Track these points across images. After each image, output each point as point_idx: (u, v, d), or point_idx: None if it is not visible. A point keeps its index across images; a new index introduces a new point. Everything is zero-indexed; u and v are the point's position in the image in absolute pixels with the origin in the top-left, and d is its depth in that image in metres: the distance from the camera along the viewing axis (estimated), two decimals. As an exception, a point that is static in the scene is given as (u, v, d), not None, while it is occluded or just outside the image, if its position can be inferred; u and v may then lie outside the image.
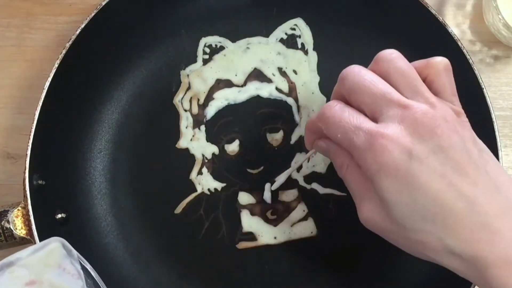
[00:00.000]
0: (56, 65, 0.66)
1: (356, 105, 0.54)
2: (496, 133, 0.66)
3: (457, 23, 0.77)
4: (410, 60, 0.69)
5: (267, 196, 0.69)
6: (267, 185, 0.69)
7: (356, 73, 0.55)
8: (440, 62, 0.55)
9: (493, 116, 0.66)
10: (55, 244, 0.58)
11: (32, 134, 0.64)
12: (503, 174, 0.53)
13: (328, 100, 0.70)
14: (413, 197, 0.50)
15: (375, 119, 0.53)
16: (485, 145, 0.55)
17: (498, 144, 0.66)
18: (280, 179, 0.68)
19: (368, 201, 0.54)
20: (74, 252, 0.59)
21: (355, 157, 0.53)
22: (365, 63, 0.70)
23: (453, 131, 0.51)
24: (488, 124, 0.67)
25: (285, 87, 0.72)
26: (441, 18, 0.68)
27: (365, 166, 0.52)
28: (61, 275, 0.58)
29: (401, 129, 0.50)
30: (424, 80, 0.55)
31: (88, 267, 0.59)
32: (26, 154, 0.64)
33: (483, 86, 0.67)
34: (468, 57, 0.67)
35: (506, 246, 0.48)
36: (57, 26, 0.77)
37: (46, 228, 0.64)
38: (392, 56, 0.55)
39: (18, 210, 0.63)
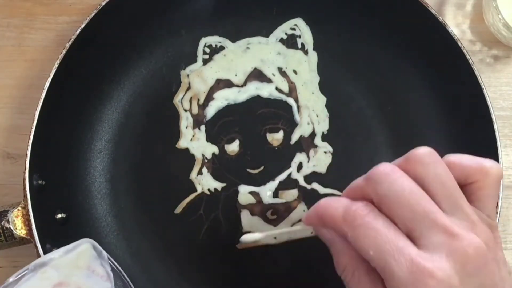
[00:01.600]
0: (56, 65, 0.66)
1: (387, 215, 0.47)
2: (496, 133, 0.66)
3: (457, 23, 0.78)
4: (411, 60, 0.72)
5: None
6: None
7: (393, 179, 0.47)
8: (495, 170, 0.49)
9: (493, 116, 0.66)
10: (86, 245, 0.59)
11: (32, 134, 0.64)
12: None
13: (328, 100, 0.71)
14: None
15: (411, 238, 0.45)
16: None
17: (498, 144, 0.66)
18: (254, 236, 0.62)
19: None
20: (104, 253, 0.59)
21: (388, 282, 0.45)
22: (365, 63, 0.73)
23: (494, 260, 0.46)
24: (488, 124, 0.66)
25: (285, 87, 0.72)
26: (441, 18, 0.68)
27: None
28: (90, 276, 0.59)
29: (449, 266, 0.44)
30: (468, 185, 0.49)
31: (118, 268, 0.60)
32: (26, 154, 0.64)
33: (483, 86, 0.67)
34: (468, 57, 0.67)
35: None
36: (57, 26, 0.77)
37: (46, 228, 0.64)
38: (431, 159, 0.48)
39: (18, 210, 0.63)
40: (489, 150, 0.66)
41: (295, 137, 0.70)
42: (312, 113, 0.70)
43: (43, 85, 0.66)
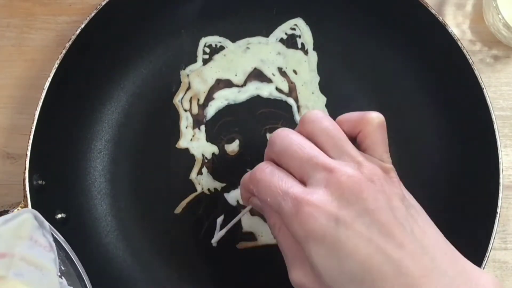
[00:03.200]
0: (56, 65, 0.66)
1: (286, 168, 0.54)
2: (496, 133, 0.66)
3: (457, 23, 0.77)
4: (411, 60, 0.72)
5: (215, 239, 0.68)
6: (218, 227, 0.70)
7: (284, 136, 0.54)
8: (375, 119, 0.55)
9: (493, 116, 0.66)
10: (27, 215, 0.58)
11: (32, 134, 0.64)
12: (431, 231, 0.52)
13: (328, 100, 0.71)
14: (341, 262, 0.50)
15: (303, 183, 0.53)
16: (414, 199, 0.55)
17: (498, 144, 0.66)
18: (220, 233, 0.67)
19: (299, 265, 0.54)
20: (46, 223, 0.58)
21: (284, 222, 0.52)
22: (365, 63, 0.74)
23: (379, 191, 0.51)
24: (488, 124, 0.67)
25: (285, 87, 0.72)
26: (441, 18, 0.68)
27: (293, 232, 0.52)
28: (33, 247, 0.58)
29: (327, 194, 0.50)
30: (356, 135, 0.55)
31: (60, 239, 0.59)
32: (26, 154, 0.64)
33: (483, 86, 0.67)
34: (468, 57, 0.67)
35: None
36: (57, 26, 0.76)
37: None
38: (317, 116, 0.55)
39: (18, 210, 0.63)
40: (489, 150, 0.67)
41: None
42: (311, 113, 0.70)
43: (43, 85, 0.66)
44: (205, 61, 0.73)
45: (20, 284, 0.59)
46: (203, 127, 0.71)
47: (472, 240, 0.63)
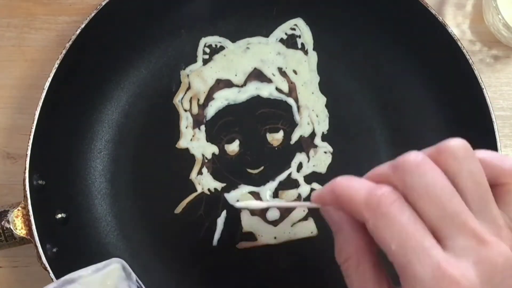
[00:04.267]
0: (56, 65, 0.66)
1: (413, 208, 0.43)
2: (496, 133, 0.66)
3: (457, 23, 0.78)
4: (410, 60, 0.72)
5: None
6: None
7: (423, 171, 0.43)
8: None
9: (493, 116, 0.66)
10: (116, 265, 0.59)
11: (32, 134, 0.64)
12: None
13: (328, 100, 0.71)
14: None
15: (437, 238, 0.42)
16: None
17: (498, 144, 0.66)
18: (251, 204, 0.59)
19: None
20: (133, 275, 0.59)
21: (406, 281, 0.42)
22: (365, 63, 0.74)
23: None
24: (488, 124, 0.66)
25: (285, 87, 0.72)
26: (441, 18, 0.68)
27: None
28: None
29: (476, 275, 0.40)
30: (496, 186, 0.45)
31: None
32: (26, 154, 0.64)
33: (483, 86, 0.67)
34: (468, 57, 0.67)
35: None
36: (57, 26, 0.77)
37: (46, 228, 0.64)
38: (465, 154, 0.44)
39: (18, 210, 0.63)
40: (489, 150, 0.65)
41: (295, 137, 0.70)
42: (312, 113, 0.70)
43: (43, 85, 0.66)
44: (205, 61, 0.73)
45: None
46: (203, 127, 0.71)
47: None
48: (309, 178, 0.69)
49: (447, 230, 0.41)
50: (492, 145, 0.66)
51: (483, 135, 0.66)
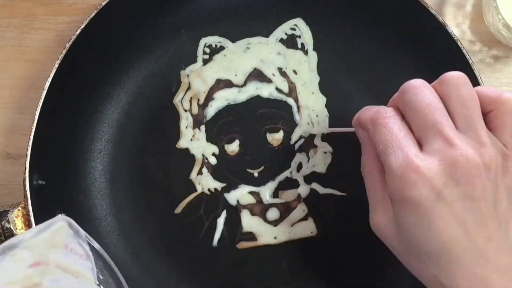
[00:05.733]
0: (56, 65, 0.67)
1: (407, 121, 0.55)
2: None
3: (457, 23, 0.78)
4: (411, 60, 0.72)
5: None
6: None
7: (418, 90, 0.54)
8: (510, 101, 0.54)
9: None
10: (61, 223, 0.57)
11: (32, 134, 0.65)
12: None
13: (328, 100, 0.71)
14: (425, 234, 0.51)
15: (420, 145, 0.53)
16: None
17: None
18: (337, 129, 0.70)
19: (382, 212, 0.55)
20: (82, 232, 0.58)
21: (386, 172, 0.54)
22: (365, 63, 0.74)
23: (490, 181, 0.51)
24: None
25: (285, 87, 0.72)
26: (441, 18, 0.68)
27: (391, 188, 0.53)
28: (68, 255, 0.57)
29: (438, 167, 0.50)
30: (487, 113, 0.54)
31: (97, 247, 0.58)
32: (26, 154, 0.64)
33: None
34: (468, 57, 0.68)
35: None
36: (57, 26, 0.77)
37: None
38: (458, 80, 0.54)
39: (18, 210, 0.64)
40: None
41: (295, 137, 0.70)
42: (312, 113, 0.71)
43: (43, 85, 0.66)
44: (205, 61, 0.73)
45: None
46: (203, 127, 0.71)
47: None
48: (309, 178, 0.70)
49: (426, 137, 0.52)
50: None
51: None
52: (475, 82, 0.67)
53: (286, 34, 0.73)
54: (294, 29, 0.73)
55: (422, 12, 0.69)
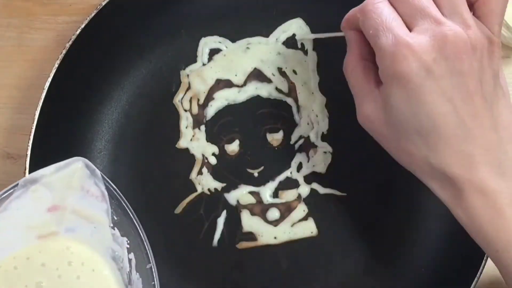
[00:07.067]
0: (56, 65, 0.67)
1: (396, 9, 0.55)
2: None
3: (456, 23, 0.78)
4: None
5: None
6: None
7: None
8: None
9: None
10: (78, 163, 0.59)
11: (32, 134, 0.65)
12: (508, 115, 0.55)
13: (328, 100, 0.71)
14: (415, 110, 0.53)
15: (410, 29, 0.54)
16: (505, 81, 0.57)
17: None
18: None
19: (369, 102, 0.57)
20: (98, 172, 0.59)
21: (377, 55, 0.55)
22: None
23: (477, 60, 0.52)
24: None
25: (285, 87, 0.72)
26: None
27: (382, 68, 0.54)
28: (84, 198, 0.59)
29: (428, 43, 0.52)
30: (474, 2, 0.56)
31: (112, 187, 0.60)
32: (26, 154, 0.65)
33: None
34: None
35: (483, 178, 0.52)
36: (57, 26, 0.77)
37: None
38: None
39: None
40: None
41: (294, 137, 0.71)
42: (312, 113, 0.71)
43: (43, 85, 0.67)
44: (205, 61, 0.73)
45: (72, 241, 0.60)
46: (203, 127, 0.72)
47: (472, 241, 0.61)
48: (309, 178, 0.70)
49: (415, 21, 0.54)
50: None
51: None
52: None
53: (286, 34, 0.73)
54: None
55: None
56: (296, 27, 0.74)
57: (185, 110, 0.72)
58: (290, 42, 0.74)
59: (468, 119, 0.52)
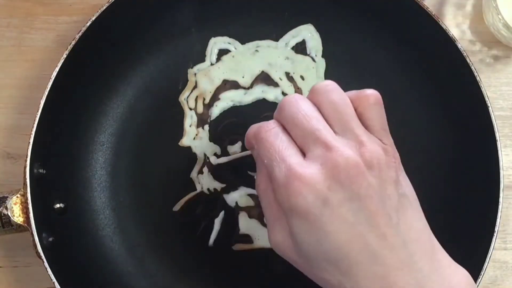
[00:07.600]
0: (65, 55, 0.75)
1: (289, 133, 0.61)
2: (496, 133, 0.74)
3: (457, 23, 0.87)
4: (412, 64, 0.82)
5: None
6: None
7: (293, 103, 0.61)
8: (369, 95, 0.62)
9: (492, 116, 0.74)
10: None
11: (32, 134, 0.74)
12: (417, 225, 0.60)
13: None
14: (320, 241, 0.57)
15: (303, 153, 0.60)
16: (410, 185, 0.63)
17: (498, 144, 0.74)
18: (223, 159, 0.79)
19: (279, 229, 0.62)
20: None
21: (273, 186, 0.60)
22: (372, 73, 0.83)
23: (375, 177, 0.58)
24: (488, 124, 0.75)
25: (291, 92, 0.81)
26: (440, 19, 0.78)
27: (279, 200, 0.59)
28: None
29: (321, 172, 0.57)
30: (356, 113, 0.61)
31: None
32: (26, 154, 0.72)
33: (482, 86, 0.75)
34: (467, 58, 0.77)
35: None
36: (58, 26, 0.86)
37: (44, 217, 0.72)
38: (327, 88, 0.62)
39: (17, 197, 0.71)
40: (489, 150, 0.74)
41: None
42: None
43: (43, 85, 0.74)
44: (213, 61, 0.82)
45: None
46: (207, 127, 0.80)
47: (473, 241, 0.72)
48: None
49: (307, 145, 0.59)
50: (492, 145, 0.74)
51: (483, 135, 0.75)
52: (474, 82, 0.76)
53: (295, 39, 0.84)
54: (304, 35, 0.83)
55: (422, 14, 0.80)
56: (306, 33, 0.83)
57: (190, 109, 0.81)
58: (300, 48, 0.82)
59: (374, 242, 0.57)
